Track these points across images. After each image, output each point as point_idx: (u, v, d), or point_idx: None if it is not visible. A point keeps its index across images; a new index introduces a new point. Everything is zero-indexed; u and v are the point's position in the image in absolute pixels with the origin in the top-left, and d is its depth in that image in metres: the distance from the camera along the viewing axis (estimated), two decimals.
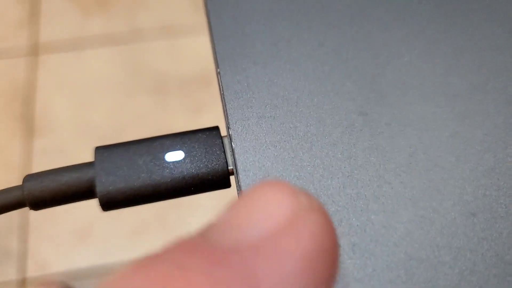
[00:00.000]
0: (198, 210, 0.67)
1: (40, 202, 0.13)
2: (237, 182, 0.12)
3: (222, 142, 0.14)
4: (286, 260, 0.07)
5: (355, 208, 0.11)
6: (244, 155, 0.12)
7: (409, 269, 0.11)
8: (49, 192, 0.13)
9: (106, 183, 0.13)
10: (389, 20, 0.15)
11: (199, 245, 0.07)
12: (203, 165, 0.13)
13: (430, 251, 0.11)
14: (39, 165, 0.69)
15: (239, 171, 0.12)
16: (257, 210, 0.08)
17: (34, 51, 0.81)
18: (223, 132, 0.14)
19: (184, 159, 0.13)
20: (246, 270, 0.07)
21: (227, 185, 0.14)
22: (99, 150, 0.14)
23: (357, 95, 0.13)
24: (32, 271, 0.64)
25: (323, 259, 0.08)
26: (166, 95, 0.77)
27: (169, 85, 0.78)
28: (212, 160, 0.13)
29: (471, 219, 0.12)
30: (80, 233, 0.66)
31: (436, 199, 0.12)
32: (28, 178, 0.13)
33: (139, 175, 0.13)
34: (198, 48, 0.81)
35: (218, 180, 0.13)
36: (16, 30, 0.83)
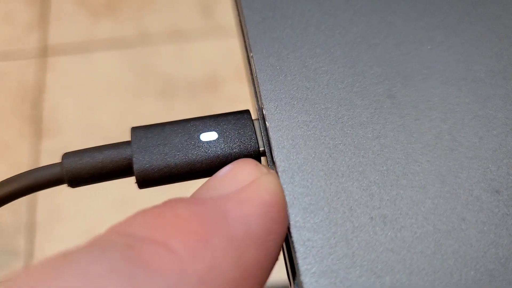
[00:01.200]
0: None
1: (78, 179, 0.14)
2: (271, 158, 0.13)
3: (253, 125, 0.14)
4: (248, 204, 0.10)
5: (385, 183, 0.12)
6: (278, 133, 0.13)
7: (437, 241, 0.11)
8: (87, 169, 0.14)
9: (143, 161, 0.14)
10: (411, 9, 0.15)
11: (185, 198, 0.11)
12: (236, 145, 0.14)
13: (456, 224, 0.12)
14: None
15: (274, 148, 0.12)
16: (228, 177, 0.11)
17: (43, 53, 0.82)
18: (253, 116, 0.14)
19: (217, 139, 0.14)
20: (217, 207, 0.10)
21: None
22: (135, 129, 0.14)
23: (384, 79, 0.14)
24: None
25: (276, 208, 0.11)
26: (173, 98, 0.78)
27: (176, 88, 0.79)
28: (244, 141, 0.14)
29: (495, 196, 0.12)
30: (87, 234, 0.66)
31: (461, 176, 0.12)
32: (67, 155, 0.14)
33: (175, 154, 0.14)
34: (206, 52, 0.82)
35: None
36: (26, 32, 0.84)
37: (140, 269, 0.09)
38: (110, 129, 0.76)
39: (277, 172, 0.12)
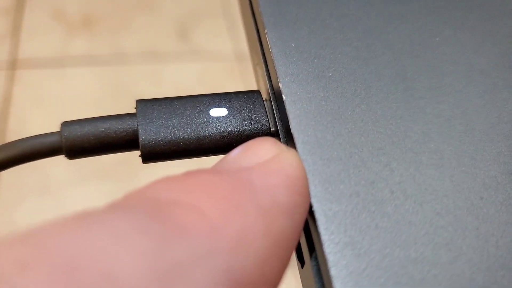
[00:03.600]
0: None
1: (77, 149, 0.13)
2: (287, 134, 0.12)
3: (264, 104, 0.14)
4: (274, 176, 0.10)
5: (405, 160, 0.12)
6: (295, 106, 0.12)
7: (458, 217, 0.11)
8: (88, 138, 0.13)
9: (149, 133, 0.13)
10: (419, 5, 0.16)
11: (207, 169, 0.11)
12: (246, 123, 0.13)
13: (475, 202, 0.11)
14: (8, 181, 0.67)
15: (291, 120, 0.12)
16: (249, 152, 0.11)
17: (13, 65, 0.80)
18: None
19: (227, 115, 0.13)
20: (244, 177, 0.10)
21: None
22: (140, 101, 0.14)
23: (397, 63, 0.14)
24: None
25: (301, 182, 0.11)
26: None
27: None
28: (255, 119, 0.13)
29: (510, 178, 0.12)
30: None
31: (476, 158, 0.12)
32: (67, 123, 0.13)
33: (184, 127, 0.13)
34: (179, 73, 0.82)
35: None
36: None
37: (172, 230, 0.08)
38: None
39: (295, 145, 0.12)
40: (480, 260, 0.11)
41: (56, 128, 0.13)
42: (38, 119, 0.74)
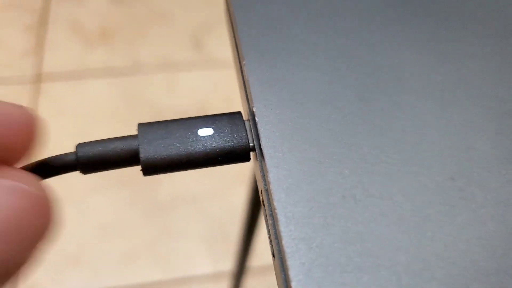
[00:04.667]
0: (187, 239, 0.69)
1: (90, 166, 0.16)
2: (260, 149, 0.15)
3: (244, 124, 0.16)
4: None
5: (356, 168, 0.14)
6: (266, 126, 0.15)
7: (401, 217, 0.13)
8: (98, 157, 0.16)
9: (148, 151, 0.15)
10: (380, 31, 0.18)
11: None
12: (229, 140, 0.16)
13: (418, 204, 0.14)
14: None
15: (262, 138, 0.14)
16: None
17: (37, 79, 0.84)
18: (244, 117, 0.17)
19: (213, 134, 0.16)
20: None
21: (247, 159, 0.16)
22: (141, 125, 0.16)
23: (358, 85, 0.16)
24: None
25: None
26: None
27: (166, 117, 0.81)
28: (236, 136, 0.16)
29: (452, 182, 0.14)
30: (74, 259, 0.67)
31: (423, 165, 0.14)
32: (81, 145, 0.16)
33: (176, 145, 0.16)
34: (194, 82, 0.85)
35: (240, 153, 0.16)
36: (21, 58, 0.86)
37: None
38: None
39: (265, 159, 0.14)
40: (417, 250, 0.13)
41: (76, 137, 0.16)
42: (60, 130, 0.78)
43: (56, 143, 0.76)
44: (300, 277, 0.12)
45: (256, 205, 0.44)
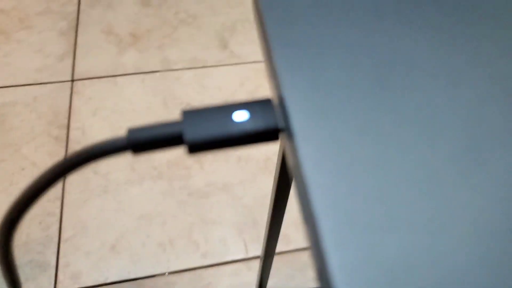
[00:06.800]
0: (221, 226, 0.71)
1: (141, 147, 0.18)
2: (290, 130, 0.17)
3: (274, 108, 0.19)
4: None
5: (385, 163, 0.17)
6: (295, 109, 0.18)
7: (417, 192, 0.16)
8: (147, 139, 0.18)
9: (192, 133, 0.18)
10: (398, 17, 0.20)
11: None
12: (261, 123, 0.19)
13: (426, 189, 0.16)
14: (74, 184, 0.75)
15: (291, 120, 0.17)
16: None
17: (73, 79, 0.88)
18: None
19: (247, 118, 0.19)
20: None
21: (276, 138, 0.19)
22: (185, 111, 0.19)
23: (377, 70, 0.19)
24: (64, 283, 0.67)
25: None
26: None
27: None
28: (267, 119, 0.19)
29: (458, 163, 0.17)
30: (113, 247, 0.71)
31: (434, 144, 0.17)
32: (130, 130, 0.19)
33: (216, 128, 0.19)
34: (222, 79, 0.88)
35: (271, 134, 0.19)
36: (57, 60, 0.91)
37: None
38: None
39: (294, 137, 0.17)
40: (435, 211, 0.15)
41: (112, 134, 0.19)
42: (95, 127, 0.82)
43: (92, 140, 0.80)
44: (331, 237, 0.14)
45: (283, 191, 0.46)
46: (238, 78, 0.88)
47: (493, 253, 0.14)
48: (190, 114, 0.19)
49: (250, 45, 0.93)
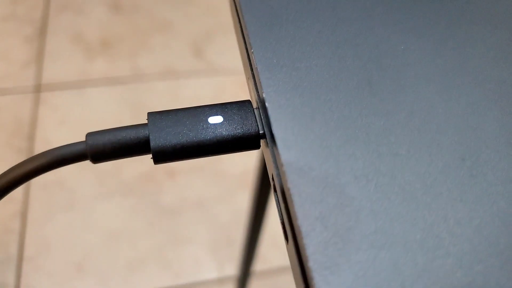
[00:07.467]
0: (194, 244, 0.68)
1: (100, 155, 0.16)
2: (271, 134, 0.15)
3: (254, 111, 0.16)
4: None
5: (367, 150, 0.14)
6: (276, 111, 0.15)
7: (410, 194, 0.14)
8: (109, 145, 0.16)
9: (158, 139, 0.16)
10: (385, 18, 0.18)
11: None
12: (239, 128, 0.16)
13: (428, 182, 0.14)
14: (38, 199, 0.70)
15: (272, 122, 0.15)
16: None
17: (38, 89, 0.84)
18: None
19: (222, 122, 0.16)
20: None
21: (257, 146, 0.16)
22: (151, 114, 0.16)
23: (364, 71, 0.16)
24: None
25: None
26: None
27: None
28: (246, 124, 0.16)
29: (460, 162, 0.14)
30: (78, 266, 0.66)
31: (432, 146, 0.15)
32: (91, 134, 0.16)
33: (187, 133, 0.16)
34: (196, 89, 0.85)
35: (251, 141, 0.16)
36: (22, 68, 0.86)
37: None
38: (102, 164, 0.77)
39: (276, 143, 0.14)
40: (430, 227, 0.13)
41: None
42: (61, 139, 0.78)
43: None
44: (317, 255, 0.12)
45: (260, 207, 0.44)
46: (214, 89, 0.86)
47: (492, 271, 0.13)
48: (157, 116, 0.16)
49: (227, 55, 0.91)
